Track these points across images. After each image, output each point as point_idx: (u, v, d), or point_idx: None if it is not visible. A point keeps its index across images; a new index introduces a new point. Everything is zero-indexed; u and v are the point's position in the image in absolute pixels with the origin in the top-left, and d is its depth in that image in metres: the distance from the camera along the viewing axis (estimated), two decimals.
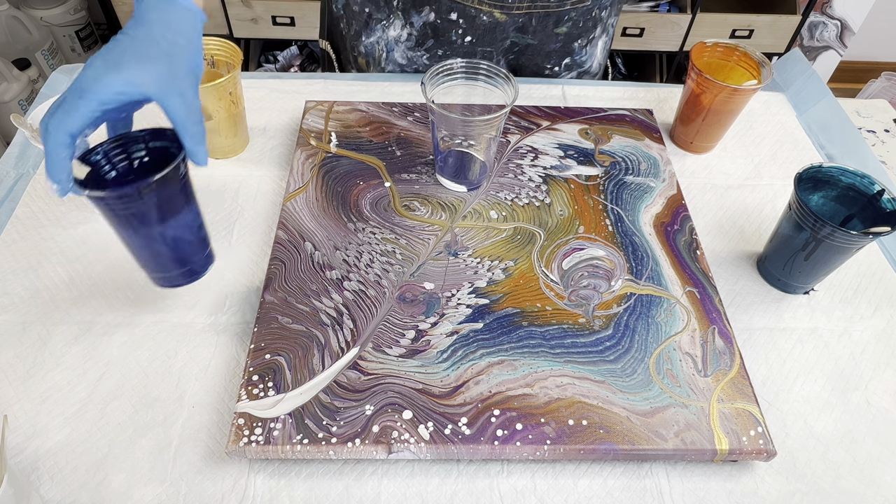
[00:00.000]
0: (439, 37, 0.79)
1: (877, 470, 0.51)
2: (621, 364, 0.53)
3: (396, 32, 0.79)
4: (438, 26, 0.77)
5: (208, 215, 0.65)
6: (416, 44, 0.80)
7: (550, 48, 0.81)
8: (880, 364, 0.57)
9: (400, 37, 0.79)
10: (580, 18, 0.78)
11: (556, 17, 0.77)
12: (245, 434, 0.47)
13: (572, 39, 0.81)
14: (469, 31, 0.77)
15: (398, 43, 0.80)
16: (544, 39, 0.80)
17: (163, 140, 0.49)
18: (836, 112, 0.80)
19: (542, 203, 0.65)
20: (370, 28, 0.80)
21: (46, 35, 1.81)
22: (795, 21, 1.78)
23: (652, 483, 0.49)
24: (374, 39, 0.81)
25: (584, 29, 0.80)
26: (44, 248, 0.61)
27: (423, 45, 0.80)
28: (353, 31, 0.83)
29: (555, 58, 0.83)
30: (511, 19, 0.76)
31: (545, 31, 0.79)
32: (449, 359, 0.52)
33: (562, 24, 0.78)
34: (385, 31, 0.80)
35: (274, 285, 0.57)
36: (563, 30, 0.79)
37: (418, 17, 0.77)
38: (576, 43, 0.82)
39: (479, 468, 0.49)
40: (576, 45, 0.82)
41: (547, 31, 0.79)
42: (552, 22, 0.77)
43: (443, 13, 0.76)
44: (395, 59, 0.83)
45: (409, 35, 0.79)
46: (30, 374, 0.53)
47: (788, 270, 0.60)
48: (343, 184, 0.66)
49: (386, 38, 0.80)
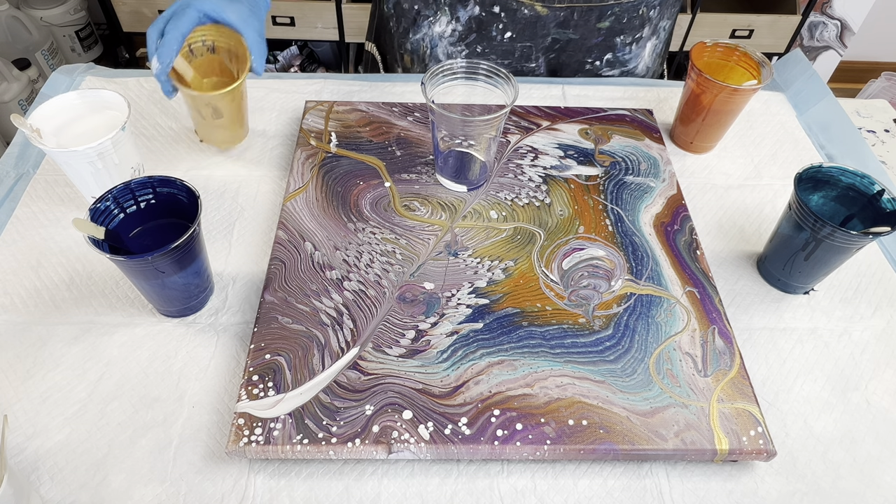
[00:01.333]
0: (481, 31, 0.79)
1: (877, 470, 0.51)
2: (621, 364, 0.53)
3: (441, 28, 0.80)
4: (483, 20, 0.78)
5: (208, 215, 0.65)
6: (458, 39, 0.80)
7: (592, 42, 0.81)
8: (880, 364, 0.57)
9: (444, 32, 0.80)
10: (624, 14, 0.78)
11: (599, 11, 0.77)
12: (245, 434, 0.47)
13: (615, 34, 0.81)
14: (510, 25, 0.78)
15: (442, 38, 0.81)
16: (586, 34, 0.80)
17: (170, 187, 0.54)
18: (836, 112, 0.80)
19: (542, 203, 0.65)
20: (417, 25, 0.82)
21: (46, 35, 1.81)
22: (795, 21, 1.78)
23: (652, 483, 0.49)
24: (420, 36, 0.83)
25: (627, 25, 0.80)
26: (44, 248, 0.61)
27: (464, 40, 0.80)
28: (401, 28, 0.84)
29: (596, 52, 0.83)
30: (552, 14, 0.76)
31: (587, 25, 0.79)
32: (449, 359, 0.52)
33: (604, 19, 0.78)
34: (431, 28, 0.81)
35: (274, 285, 0.57)
36: (605, 24, 0.78)
37: (464, 12, 0.77)
38: (618, 38, 0.81)
39: (479, 468, 0.49)
40: (618, 41, 0.82)
41: (589, 26, 0.79)
42: (594, 17, 0.78)
43: (486, 6, 0.76)
44: (437, 55, 0.83)
45: (454, 30, 0.80)
46: (30, 374, 0.53)
47: (788, 270, 0.60)
48: (343, 184, 0.66)
49: (431, 34, 0.81)
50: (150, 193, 0.54)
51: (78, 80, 0.79)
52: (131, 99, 0.77)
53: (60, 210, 0.65)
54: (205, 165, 0.70)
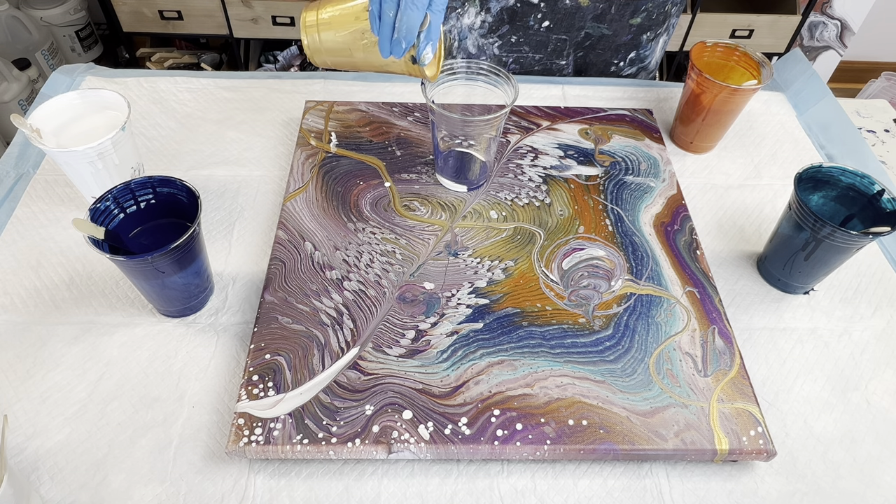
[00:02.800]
0: (515, 22, 0.79)
1: (877, 470, 0.51)
2: (621, 364, 0.53)
3: (471, 20, 0.80)
4: (517, 10, 0.78)
5: (208, 215, 0.65)
6: (489, 31, 0.80)
7: (622, 40, 0.82)
8: (880, 364, 0.57)
9: (474, 24, 0.80)
10: (654, 10, 0.79)
11: (634, 6, 0.78)
12: (245, 434, 0.47)
13: (643, 31, 0.82)
14: (549, 15, 0.78)
15: (472, 31, 0.80)
16: (619, 30, 0.81)
17: (170, 187, 0.54)
18: (836, 112, 0.80)
19: (542, 203, 0.65)
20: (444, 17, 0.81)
21: (46, 35, 1.81)
22: (795, 21, 1.78)
23: (652, 483, 0.49)
24: (447, 28, 0.82)
25: (655, 22, 0.81)
26: (44, 248, 0.61)
27: (496, 31, 0.80)
28: None
29: (623, 51, 0.84)
30: (592, 5, 0.77)
31: (622, 20, 0.79)
32: (449, 359, 0.52)
33: (637, 15, 0.79)
34: (459, 20, 0.80)
35: (274, 285, 0.57)
36: (637, 20, 0.79)
37: (496, 3, 0.77)
38: (644, 36, 0.83)
39: (479, 468, 0.49)
40: (644, 38, 0.83)
41: (623, 21, 0.80)
42: (630, 11, 0.78)
43: None
44: (466, 47, 0.83)
45: (483, 22, 0.79)
46: (30, 374, 0.53)
47: (788, 270, 0.60)
48: (343, 184, 0.66)
49: (459, 26, 0.81)
50: (150, 193, 0.54)
51: (78, 80, 0.79)
52: (131, 99, 0.77)
53: (60, 210, 0.65)
54: (205, 165, 0.70)
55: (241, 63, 1.92)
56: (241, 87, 0.79)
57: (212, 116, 0.76)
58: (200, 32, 1.78)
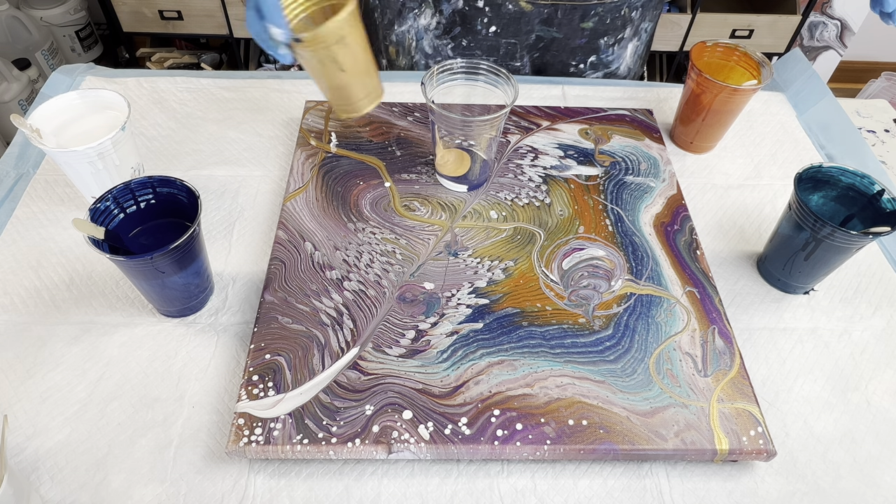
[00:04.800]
0: (466, 25, 0.79)
1: (877, 470, 0.51)
2: (621, 364, 0.53)
3: (427, 20, 0.80)
4: (466, 13, 0.78)
5: (208, 215, 0.65)
6: (443, 32, 0.80)
7: (576, 43, 0.81)
8: (880, 364, 0.57)
9: (429, 25, 0.80)
10: (607, 15, 0.78)
11: (583, 10, 0.77)
12: (245, 434, 0.47)
13: (598, 36, 0.81)
14: (494, 20, 0.78)
15: (427, 31, 0.81)
16: (570, 34, 0.80)
17: (170, 187, 0.54)
18: (836, 112, 0.80)
19: (542, 203, 0.65)
20: (403, 17, 0.81)
21: (46, 35, 1.81)
22: (795, 21, 1.78)
23: (652, 483, 0.49)
24: (405, 28, 0.82)
25: (611, 27, 0.80)
26: (44, 248, 0.61)
27: (450, 33, 0.80)
28: (386, 20, 0.84)
29: (580, 54, 0.83)
30: (536, 10, 0.76)
31: (571, 24, 0.79)
32: (449, 359, 0.52)
33: (588, 19, 0.78)
34: (416, 20, 0.81)
35: (274, 285, 0.57)
36: (589, 24, 0.78)
37: (447, 5, 0.77)
38: (602, 40, 0.82)
39: (479, 468, 0.49)
40: (602, 43, 0.82)
41: (573, 25, 0.79)
42: (578, 16, 0.78)
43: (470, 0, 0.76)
44: (423, 47, 0.83)
45: (438, 23, 0.79)
46: (30, 374, 0.53)
47: (788, 270, 0.60)
48: (343, 184, 0.66)
49: (417, 26, 0.81)
50: (150, 193, 0.54)
51: (78, 80, 0.79)
52: (131, 99, 0.77)
53: (60, 210, 0.65)
54: (205, 165, 0.70)
55: (241, 63, 1.92)
56: (241, 87, 0.79)
57: (212, 116, 0.76)
58: (200, 32, 1.78)
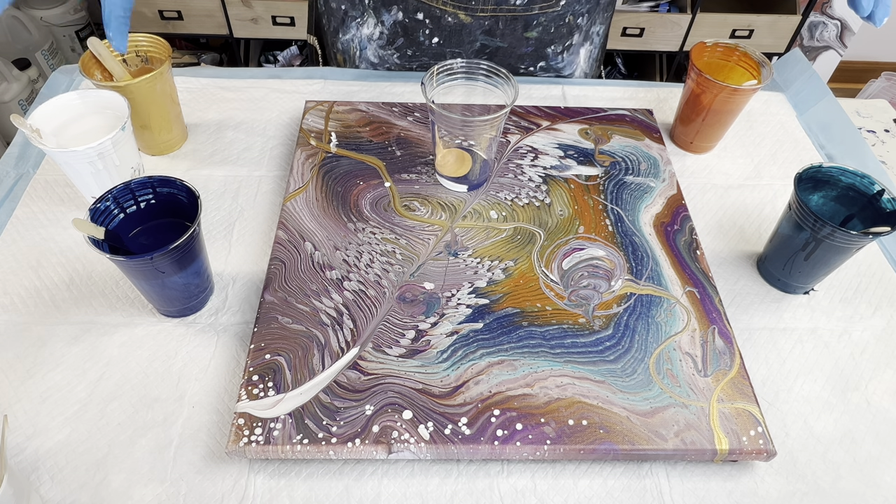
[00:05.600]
0: (408, 36, 0.78)
1: (877, 470, 0.51)
2: (621, 364, 0.53)
3: (370, 30, 0.79)
4: (407, 25, 0.77)
5: (208, 215, 0.65)
6: (387, 42, 0.80)
7: (522, 51, 0.80)
8: (880, 364, 0.57)
9: (372, 35, 0.79)
10: (551, 24, 0.77)
11: (525, 21, 0.76)
12: (245, 434, 0.47)
13: (545, 45, 0.80)
14: (436, 31, 0.77)
15: (371, 41, 0.80)
16: (514, 43, 0.79)
17: (170, 187, 0.54)
18: (836, 112, 0.80)
19: (542, 203, 0.65)
20: (346, 25, 0.81)
21: (46, 35, 1.81)
22: (795, 21, 1.78)
23: (652, 483, 0.49)
24: (349, 37, 0.82)
25: (556, 35, 0.79)
26: (44, 248, 0.61)
27: (393, 43, 0.80)
28: (332, 27, 0.83)
29: (528, 60, 0.82)
30: (476, 22, 0.75)
31: (514, 34, 0.78)
32: (449, 359, 0.52)
33: (531, 29, 0.77)
34: (359, 29, 0.80)
35: (274, 285, 0.57)
36: (533, 34, 0.77)
37: (388, 16, 0.76)
38: (549, 49, 0.81)
39: (479, 468, 0.49)
40: (549, 51, 0.81)
41: (516, 35, 0.78)
42: (521, 26, 0.76)
43: (409, 12, 0.76)
44: (367, 56, 0.83)
45: (381, 34, 0.79)
46: (30, 374, 0.53)
47: (788, 270, 0.60)
48: (343, 184, 0.66)
49: (360, 35, 0.81)
50: (150, 193, 0.54)
51: (78, 80, 0.79)
52: None
53: (60, 210, 0.65)
54: (205, 165, 0.70)
55: (241, 63, 1.92)
56: (241, 87, 0.79)
57: (212, 116, 0.76)
58: (200, 32, 1.78)
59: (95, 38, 0.64)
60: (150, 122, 0.67)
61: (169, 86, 0.67)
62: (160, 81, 0.64)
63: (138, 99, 0.64)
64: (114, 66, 0.66)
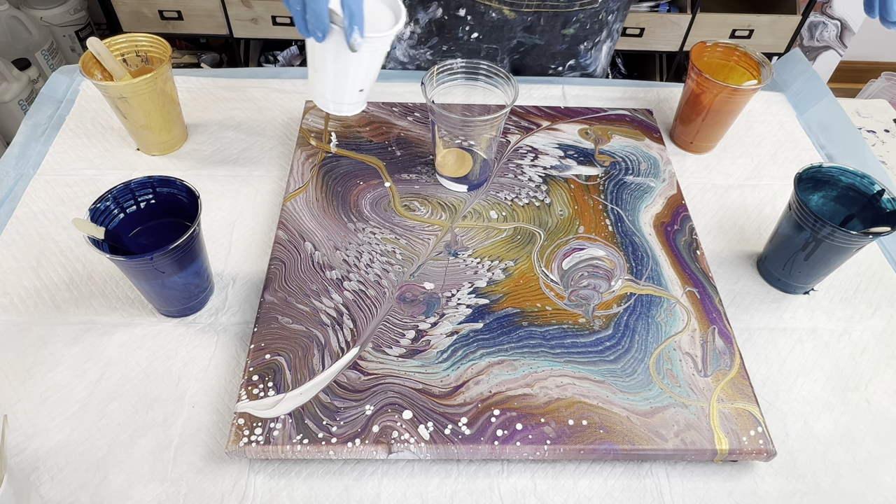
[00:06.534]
0: (444, 33, 0.78)
1: (877, 470, 0.51)
2: (621, 364, 0.53)
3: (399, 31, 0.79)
4: (445, 23, 0.77)
5: (208, 215, 0.65)
6: (418, 42, 0.80)
7: (556, 49, 0.81)
8: (880, 364, 0.57)
9: (403, 35, 0.79)
10: (588, 20, 0.78)
11: (565, 17, 0.77)
12: (245, 434, 0.47)
13: (578, 42, 0.81)
14: (477, 27, 0.77)
15: (400, 41, 0.80)
16: (551, 40, 0.80)
17: (170, 187, 0.54)
18: (836, 112, 0.80)
19: (542, 203, 0.65)
20: None
21: (46, 35, 1.80)
22: (795, 21, 1.78)
23: (652, 483, 0.49)
24: None
25: (590, 31, 0.80)
26: (44, 248, 0.61)
27: (426, 42, 0.80)
28: None
29: (559, 59, 0.83)
30: (520, 17, 0.76)
31: (552, 31, 0.79)
32: (449, 359, 0.52)
33: (569, 26, 0.78)
34: None
35: (274, 285, 0.57)
36: (570, 31, 0.78)
37: (424, 14, 0.76)
38: (581, 45, 0.82)
39: (479, 468, 0.49)
40: (581, 48, 0.82)
41: (554, 32, 0.79)
42: (560, 22, 0.77)
43: (451, 9, 0.76)
44: (396, 56, 0.83)
45: (413, 33, 0.79)
46: (30, 374, 0.53)
47: (788, 270, 0.60)
48: (343, 184, 0.66)
49: None
50: (150, 193, 0.54)
51: (78, 80, 0.79)
52: None
53: (60, 210, 0.65)
54: (205, 165, 0.70)
55: (241, 63, 1.92)
56: (241, 87, 0.79)
57: (212, 116, 0.76)
58: (200, 32, 1.77)
59: (95, 38, 0.64)
60: (150, 122, 0.67)
61: (169, 86, 0.67)
62: (160, 81, 0.64)
63: (138, 99, 0.64)
64: (114, 66, 0.66)
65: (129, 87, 0.62)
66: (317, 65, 0.55)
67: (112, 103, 0.65)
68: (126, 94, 0.63)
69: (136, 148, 0.71)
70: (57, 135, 0.72)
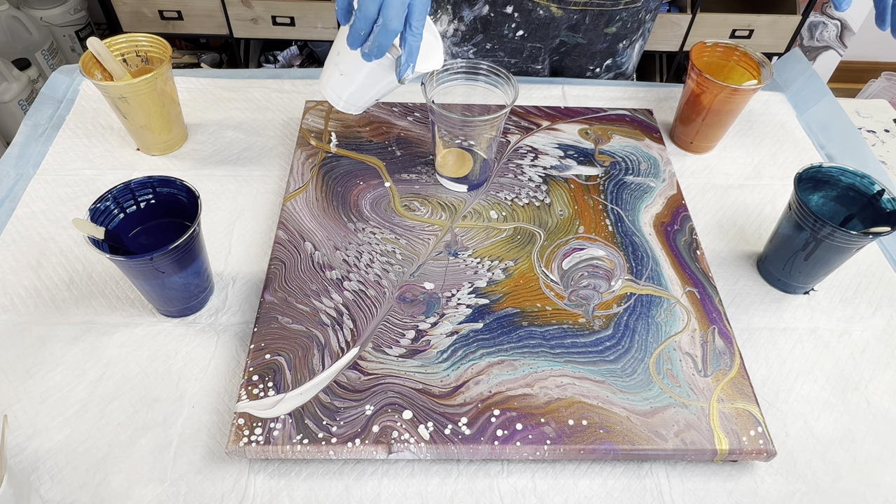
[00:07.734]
0: (489, 31, 0.79)
1: (877, 470, 0.51)
2: (621, 364, 0.53)
3: (443, 28, 0.79)
4: (491, 20, 0.77)
5: (208, 215, 0.65)
6: (462, 39, 0.80)
7: (597, 48, 0.82)
8: (880, 364, 0.57)
9: (446, 32, 0.79)
10: (629, 19, 0.79)
11: (609, 16, 0.78)
12: (245, 434, 0.47)
13: (618, 40, 0.82)
14: (523, 25, 0.78)
15: (444, 38, 0.80)
16: (593, 39, 0.81)
17: (170, 187, 0.54)
18: (836, 112, 0.80)
19: (542, 203, 0.65)
20: None
21: (46, 35, 1.80)
22: (795, 21, 1.78)
23: (652, 483, 0.49)
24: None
25: (630, 30, 0.82)
26: (44, 248, 0.61)
27: (470, 40, 0.80)
28: None
29: (598, 58, 0.84)
30: (566, 15, 0.77)
31: (596, 29, 0.79)
32: (449, 359, 0.52)
33: (612, 24, 0.79)
34: None
35: (274, 285, 0.57)
36: (612, 30, 0.79)
37: (469, 12, 0.77)
38: (620, 44, 0.83)
39: (479, 468, 0.49)
40: (620, 47, 0.83)
41: (598, 31, 0.80)
42: (604, 21, 0.78)
43: (498, 6, 0.76)
44: None
45: (457, 30, 0.79)
46: (30, 374, 0.53)
47: (788, 270, 0.60)
48: (343, 184, 0.66)
49: None
50: (150, 193, 0.54)
51: (78, 80, 0.79)
52: None
53: (60, 210, 0.65)
54: (205, 165, 0.70)
55: (241, 63, 1.92)
56: (241, 87, 0.79)
57: (212, 116, 0.76)
58: (200, 32, 1.77)
59: (95, 38, 0.64)
60: (150, 122, 0.67)
61: (169, 86, 0.67)
62: (160, 81, 0.64)
63: (138, 99, 0.64)
64: (114, 66, 0.66)
65: (129, 87, 0.62)
66: (343, 68, 0.55)
67: (112, 103, 0.65)
68: (126, 94, 0.63)
69: (136, 148, 0.71)
70: (57, 135, 0.72)
